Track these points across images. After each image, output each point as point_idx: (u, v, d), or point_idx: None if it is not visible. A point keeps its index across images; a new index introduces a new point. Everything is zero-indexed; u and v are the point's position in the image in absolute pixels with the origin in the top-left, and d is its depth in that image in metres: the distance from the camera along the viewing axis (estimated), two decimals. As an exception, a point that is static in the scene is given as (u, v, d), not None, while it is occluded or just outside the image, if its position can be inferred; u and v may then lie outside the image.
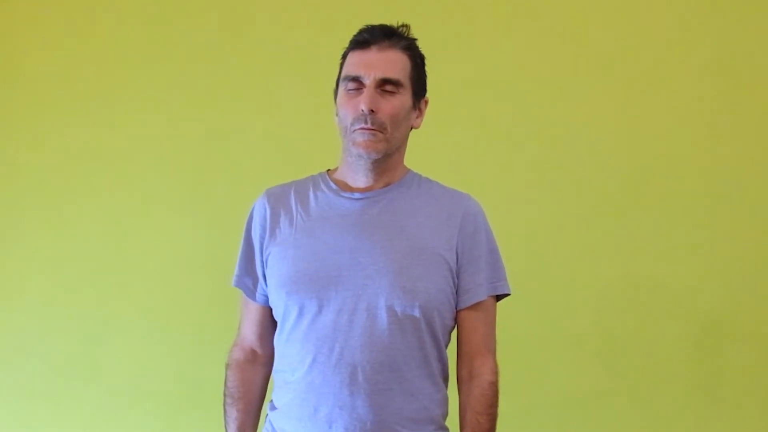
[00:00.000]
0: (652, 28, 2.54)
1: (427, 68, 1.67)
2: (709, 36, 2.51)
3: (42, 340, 2.73)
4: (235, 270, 1.70)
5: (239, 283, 1.70)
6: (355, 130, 1.56)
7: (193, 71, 2.73)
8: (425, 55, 1.67)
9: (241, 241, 1.70)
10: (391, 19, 1.64)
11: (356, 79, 1.57)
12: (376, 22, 1.62)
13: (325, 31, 1.67)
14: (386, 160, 1.60)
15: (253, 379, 1.71)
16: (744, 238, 2.46)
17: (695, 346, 2.46)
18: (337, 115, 1.63)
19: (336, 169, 1.69)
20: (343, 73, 1.61)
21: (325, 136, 1.88)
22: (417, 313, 1.53)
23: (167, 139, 2.74)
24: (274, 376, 1.66)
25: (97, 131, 2.76)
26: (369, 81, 1.56)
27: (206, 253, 2.64)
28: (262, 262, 1.65)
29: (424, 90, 1.67)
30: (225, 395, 1.71)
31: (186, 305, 2.67)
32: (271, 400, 1.66)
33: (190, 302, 2.66)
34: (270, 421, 1.64)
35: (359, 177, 1.62)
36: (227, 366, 1.72)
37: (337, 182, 1.65)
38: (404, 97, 1.59)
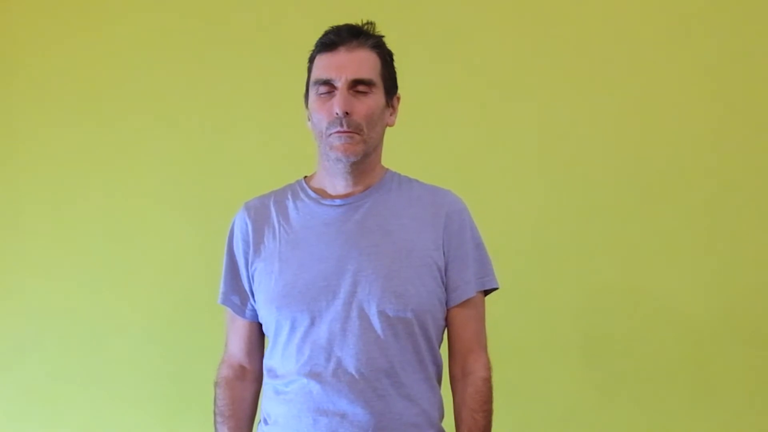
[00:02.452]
0: (656, 29, 2.51)
1: (428, 67, 1.65)
2: (714, 38, 2.48)
3: (40, 342, 2.70)
4: (221, 287, 1.66)
5: (226, 301, 1.66)
6: (331, 134, 1.53)
7: (193, 72, 2.69)
8: (427, 54, 1.64)
9: (224, 257, 1.66)
10: (390, 17, 1.62)
11: (327, 83, 1.54)
12: (375, 19, 1.59)
13: (322, 30, 1.63)
14: (364, 162, 1.58)
15: (243, 396, 1.67)
16: (744, 242, 2.45)
17: (696, 350, 2.44)
18: (309, 120, 1.60)
19: (313, 176, 1.66)
20: (313, 77, 1.58)
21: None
22: (410, 316, 1.52)
23: (166, 140, 2.70)
24: (264, 388, 1.63)
25: (95, 132, 2.72)
26: (341, 83, 1.53)
27: (205, 255, 2.55)
28: (248, 278, 1.62)
29: (396, 87, 1.65)
30: (215, 414, 1.67)
31: (184, 307, 2.64)
32: (262, 413, 1.63)
33: (188, 304, 2.63)
34: (264, 435, 1.61)
35: (338, 182, 1.59)
36: (216, 384, 1.68)
37: (316, 190, 1.62)
38: (377, 96, 1.57)
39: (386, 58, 1.61)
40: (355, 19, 1.61)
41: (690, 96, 2.49)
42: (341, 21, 1.61)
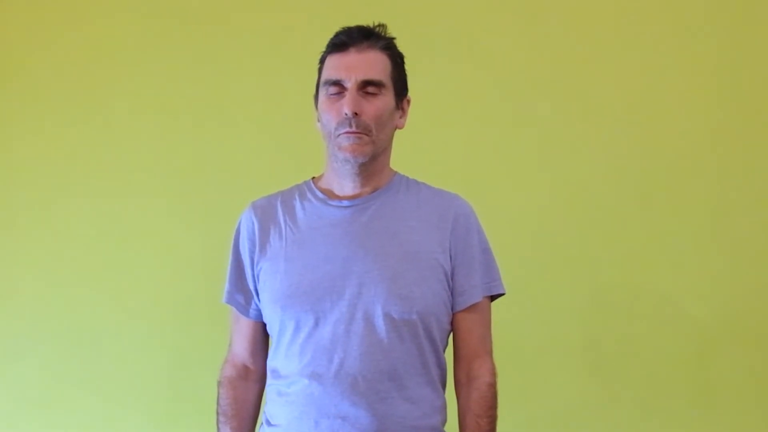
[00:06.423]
0: (657, 30, 2.50)
1: (429, 68, 1.64)
2: (714, 38, 2.47)
3: (35, 345, 2.69)
4: (226, 286, 1.66)
5: (230, 300, 1.65)
6: (339, 135, 1.53)
7: (190, 72, 2.68)
8: (428, 55, 1.63)
9: (230, 256, 1.66)
10: (390, 18, 1.61)
11: (337, 83, 1.54)
12: (376, 20, 1.59)
13: (324, 30, 1.62)
14: (373, 163, 1.57)
15: (246, 396, 1.67)
16: (746, 242, 2.43)
17: (698, 351, 2.42)
18: (319, 121, 1.60)
19: (321, 177, 1.66)
20: (323, 78, 1.58)
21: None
22: (415, 318, 1.51)
23: (163, 140, 2.69)
24: (268, 390, 1.63)
25: (93, 132, 2.71)
26: (350, 84, 1.53)
27: (203, 256, 2.59)
28: (253, 277, 1.62)
29: (406, 89, 1.64)
30: (218, 413, 1.67)
31: (181, 309, 2.62)
32: (264, 414, 1.62)
33: (185, 306, 2.62)
34: (266, 437, 1.60)
35: (346, 183, 1.59)
36: (219, 383, 1.68)
37: (323, 190, 1.62)
38: (387, 98, 1.56)
39: (397, 60, 1.61)
40: (359, 20, 1.61)
41: (691, 96, 2.48)
42: (344, 22, 1.61)
